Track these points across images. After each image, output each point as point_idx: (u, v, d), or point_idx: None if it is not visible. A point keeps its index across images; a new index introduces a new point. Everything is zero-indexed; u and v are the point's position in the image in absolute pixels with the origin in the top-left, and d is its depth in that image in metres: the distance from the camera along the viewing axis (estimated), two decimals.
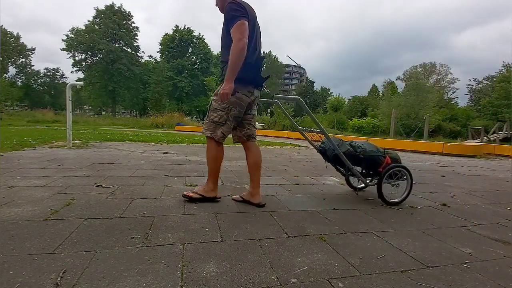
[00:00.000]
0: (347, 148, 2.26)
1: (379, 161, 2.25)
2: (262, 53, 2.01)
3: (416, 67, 42.37)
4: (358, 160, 2.24)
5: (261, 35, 1.99)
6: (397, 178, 2.25)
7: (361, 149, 2.27)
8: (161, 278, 1.01)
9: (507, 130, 17.95)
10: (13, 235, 1.30)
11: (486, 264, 1.27)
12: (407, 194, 2.26)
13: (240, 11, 1.72)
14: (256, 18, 1.89)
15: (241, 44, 1.67)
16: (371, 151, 2.27)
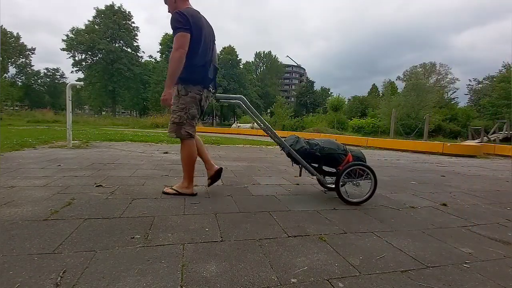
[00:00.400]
0: (302, 145, 2.22)
1: (339, 159, 2.21)
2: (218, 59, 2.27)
3: (416, 67, 42.37)
4: (316, 158, 2.20)
5: (214, 40, 2.19)
6: (361, 177, 2.18)
7: (318, 146, 2.22)
8: (161, 278, 1.01)
9: (507, 130, 17.95)
10: (13, 235, 1.30)
11: (486, 264, 1.27)
12: (370, 195, 2.18)
13: (182, 23, 1.87)
14: (205, 27, 2.04)
15: (178, 54, 1.86)
16: (330, 149, 2.21)
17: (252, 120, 9.96)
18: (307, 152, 2.20)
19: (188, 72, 1.98)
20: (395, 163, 5.24)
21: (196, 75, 2.03)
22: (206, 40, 2.04)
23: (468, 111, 32.46)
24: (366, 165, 2.19)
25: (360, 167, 2.17)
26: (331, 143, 2.28)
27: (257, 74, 63.67)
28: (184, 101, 2.03)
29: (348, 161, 2.20)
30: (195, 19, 1.95)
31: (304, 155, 2.19)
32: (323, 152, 2.19)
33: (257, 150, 6.62)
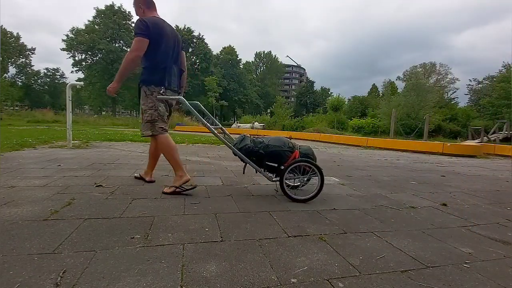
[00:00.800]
0: (246, 144, 2.26)
1: (285, 156, 2.21)
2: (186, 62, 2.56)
3: (416, 67, 42.37)
4: (260, 155, 2.22)
5: (179, 46, 2.40)
6: (308, 174, 2.17)
7: (262, 144, 2.24)
8: (161, 278, 1.01)
9: (507, 130, 17.95)
10: (13, 235, 1.30)
11: (486, 264, 1.27)
12: (316, 192, 2.16)
13: (142, 29, 2.09)
14: (168, 34, 2.25)
15: (131, 56, 2.08)
16: (274, 146, 2.22)
17: (252, 120, 9.96)
18: (250, 150, 2.24)
19: (150, 74, 2.20)
20: (395, 163, 5.24)
21: (157, 77, 2.21)
22: (167, 45, 2.25)
23: (468, 111, 32.47)
24: (311, 162, 2.16)
25: (305, 164, 2.15)
26: (277, 140, 2.30)
27: (257, 74, 63.66)
28: (151, 100, 2.21)
29: (294, 158, 2.19)
30: (157, 27, 2.17)
31: (247, 153, 2.23)
32: (267, 149, 2.21)
33: None
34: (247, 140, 2.32)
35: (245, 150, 2.23)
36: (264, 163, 2.24)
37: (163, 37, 2.19)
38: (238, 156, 2.24)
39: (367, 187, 2.87)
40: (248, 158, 2.22)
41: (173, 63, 2.32)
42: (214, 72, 41.85)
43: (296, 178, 2.20)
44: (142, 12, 2.29)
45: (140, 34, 2.08)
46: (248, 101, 50.91)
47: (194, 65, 43.36)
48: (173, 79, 2.32)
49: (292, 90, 79.76)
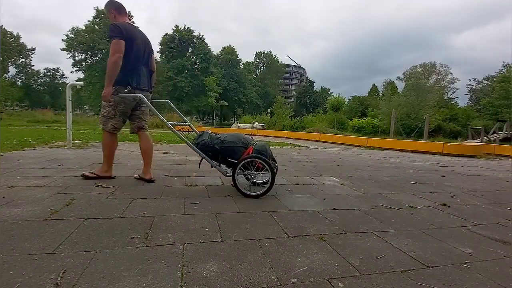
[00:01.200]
0: (203, 139, 2.34)
1: (239, 152, 2.25)
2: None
3: (416, 67, 42.37)
4: (215, 150, 2.29)
5: (149, 49, 2.58)
6: (260, 170, 2.20)
7: (218, 140, 2.31)
8: (161, 278, 1.01)
9: (507, 130, 17.95)
10: (13, 235, 1.30)
11: (486, 264, 1.27)
12: (268, 188, 2.18)
13: (116, 32, 2.24)
14: (138, 39, 2.42)
15: (114, 58, 2.21)
16: (229, 142, 2.29)
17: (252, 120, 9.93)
18: (206, 145, 2.31)
19: (119, 75, 2.33)
20: (395, 163, 5.24)
21: (126, 78, 2.38)
22: (138, 49, 2.42)
23: (468, 111, 32.47)
24: (262, 158, 2.17)
25: (257, 160, 2.18)
26: (233, 136, 2.36)
27: (257, 74, 63.68)
28: (113, 99, 2.39)
29: (248, 154, 2.23)
30: (128, 31, 2.33)
31: (203, 148, 2.31)
32: (221, 145, 2.29)
33: None
34: (205, 135, 2.40)
35: (202, 145, 2.33)
36: (219, 158, 2.33)
37: (134, 41, 2.37)
38: (195, 150, 2.34)
39: (367, 187, 2.87)
40: (205, 153, 2.31)
41: (143, 65, 2.52)
42: (214, 72, 41.84)
43: (248, 174, 2.25)
44: (113, 17, 2.45)
45: (115, 37, 2.23)
46: (248, 101, 50.92)
47: (194, 65, 43.35)
48: (142, 80, 2.51)
49: (292, 90, 79.78)
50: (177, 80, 39.98)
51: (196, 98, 41.33)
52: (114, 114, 2.44)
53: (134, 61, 2.42)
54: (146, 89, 2.58)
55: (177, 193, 2.21)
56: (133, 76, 2.43)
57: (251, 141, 2.37)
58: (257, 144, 2.37)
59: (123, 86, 2.39)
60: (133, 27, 2.45)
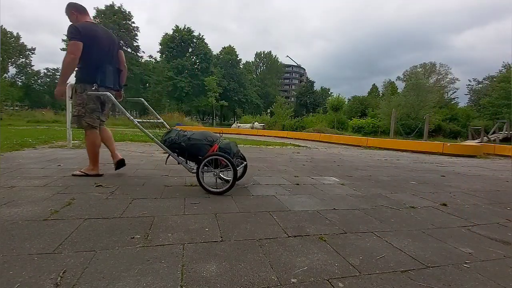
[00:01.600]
0: (170, 136, 2.39)
1: (204, 149, 2.28)
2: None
3: (416, 67, 42.40)
4: (181, 148, 2.34)
5: (115, 47, 2.66)
6: (225, 167, 2.23)
7: (185, 137, 2.34)
8: (161, 278, 1.01)
9: (507, 130, 17.95)
10: (13, 235, 1.30)
11: (486, 264, 1.27)
12: (230, 186, 2.21)
13: (74, 34, 2.30)
14: (101, 37, 2.50)
15: (68, 59, 2.29)
16: (195, 139, 2.32)
17: (252, 120, 9.94)
18: (173, 142, 2.36)
19: (83, 74, 2.45)
20: (395, 163, 5.24)
21: (89, 76, 2.46)
22: (101, 47, 2.50)
23: (468, 111, 32.49)
24: (224, 155, 2.19)
25: (220, 158, 2.21)
26: (199, 134, 2.40)
27: (257, 74, 63.67)
28: (81, 98, 2.47)
29: (213, 151, 2.26)
30: (88, 31, 2.40)
31: (170, 145, 2.36)
32: (188, 142, 2.32)
33: (257, 150, 6.62)
34: (173, 133, 2.44)
35: (169, 142, 2.37)
36: (186, 156, 2.37)
37: (94, 40, 2.44)
38: (162, 148, 2.40)
39: (367, 187, 2.87)
40: (172, 150, 2.37)
41: (108, 64, 2.58)
42: (214, 72, 41.84)
43: (210, 171, 2.28)
44: (75, 18, 2.50)
45: (73, 38, 2.30)
46: (248, 101, 50.92)
47: (194, 65, 43.33)
48: (107, 78, 2.57)
49: (292, 90, 79.78)
50: (177, 80, 39.97)
51: (196, 98, 41.34)
52: (85, 112, 2.51)
53: (98, 59, 2.48)
54: (112, 87, 2.65)
55: (177, 193, 2.21)
56: (97, 74, 2.48)
57: (217, 139, 2.40)
58: (223, 142, 2.41)
59: (89, 84, 2.46)
60: (95, 26, 2.54)
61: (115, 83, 2.70)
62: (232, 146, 2.40)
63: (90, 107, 2.52)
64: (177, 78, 40.03)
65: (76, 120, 2.53)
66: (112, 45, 2.62)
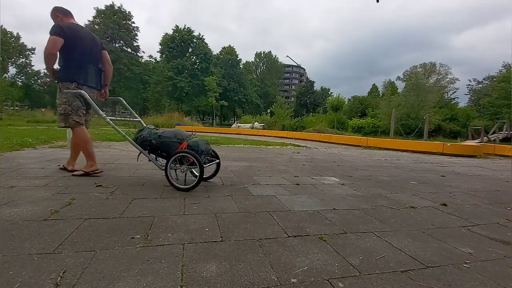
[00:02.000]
0: (141, 134, 2.47)
1: (173, 147, 2.35)
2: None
3: (416, 67, 42.40)
4: (152, 145, 2.40)
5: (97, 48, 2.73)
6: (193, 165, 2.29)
7: (155, 135, 2.41)
8: (161, 278, 1.01)
9: (507, 130, 17.96)
10: (13, 235, 1.30)
11: (486, 264, 1.27)
12: (197, 182, 2.26)
13: (56, 31, 2.38)
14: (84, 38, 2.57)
15: (45, 53, 2.35)
16: (165, 137, 2.39)
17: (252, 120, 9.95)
18: (144, 139, 2.43)
19: (65, 73, 2.51)
20: (395, 163, 5.24)
21: (72, 75, 2.52)
22: (83, 48, 2.57)
23: (468, 111, 32.49)
24: (191, 153, 2.25)
25: (186, 155, 2.27)
26: (170, 132, 2.46)
27: (257, 74, 63.66)
28: (65, 96, 2.52)
29: (181, 149, 2.31)
30: (71, 31, 2.48)
31: (142, 143, 2.44)
32: (158, 140, 2.39)
33: (257, 150, 6.62)
34: (145, 131, 2.51)
35: (140, 140, 2.45)
36: (157, 153, 2.45)
37: (77, 40, 2.52)
38: (133, 145, 2.47)
39: (367, 187, 2.87)
40: (143, 147, 2.44)
41: (90, 64, 2.66)
42: (214, 72, 41.83)
43: (178, 168, 2.34)
44: (60, 19, 2.59)
45: (54, 34, 2.36)
46: (248, 101, 50.91)
47: (194, 65, 43.32)
48: (89, 77, 2.65)
49: (292, 90, 79.79)
50: (177, 80, 39.96)
51: (196, 98, 41.33)
52: (71, 110, 2.54)
53: (80, 59, 2.55)
54: (94, 87, 2.73)
55: (177, 193, 2.21)
56: (79, 74, 2.56)
57: (186, 137, 2.46)
58: (191, 140, 2.45)
59: (69, 83, 2.52)
60: (79, 27, 2.63)
61: (97, 82, 2.78)
62: (201, 144, 2.45)
63: (75, 104, 2.56)
64: (177, 78, 40.02)
65: (63, 119, 2.55)
66: (94, 46, 2.70)
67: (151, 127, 2.62)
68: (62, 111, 2.54)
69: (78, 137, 2.62)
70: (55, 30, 2.39)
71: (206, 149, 2.49)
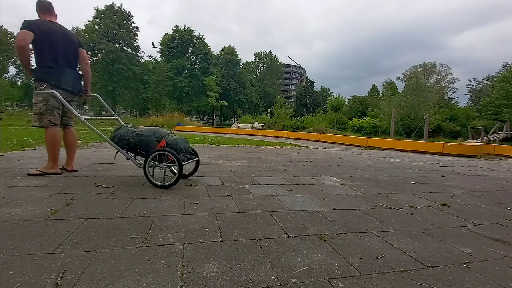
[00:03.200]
0: (119, 132, 2.48)
1: (152, 145, 2.36)
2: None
3: (416, 67, 42.41)
4: (130, 143, 2.41)
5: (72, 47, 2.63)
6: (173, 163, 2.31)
7: (133, 134, 2.42)
8: (161, 278, 1.01)
9: (507, 130, 17.96)
10: (13, 235, 1.30)
11: (486, 264, 1.27)
12: (175, 180, 2.29)
13: (26, 26, 2.34)
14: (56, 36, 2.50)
15: (16, 46, 2.34)
16: (143, 135, 2.40)
17: (252, 120, 9.98)
18: (122, 138, 2.44)
19: (39, 72, 2.47)
20: (395, 163, 5.24)
21: (45, 75, 2.48)
22: (54, 46, 2.49)
23: (468, 111, 32.49)
24: (169, 151, 2.28)
25: (165, 153, 2.29)
26: (148, 131, 2.47)
27: (257, 74, 63.65)
28: (41, 95, 2.48)
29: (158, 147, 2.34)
30: (43, 27, 2.42)
31: (120, 141, 2.44)
32: (136, 138, 2.40)
33: (257, 150, 6.62)
34: (122, 129, 2.51)
35: (118, 138, 2.45)
36: (135, 151, 2.45)
37: (48, 37, 2.45)
38: (110, 144, 2.47)
39: (367, 187, 2.87)
40: (121, 146, 2.44)
41: (65, 65, 2.58)
42: (214, 72, 41.83)
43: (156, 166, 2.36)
44: (37, 15, 2.55)
45: (23, 28, 2.34)
46: (248, 101, 50.92)
47: (194, 65, 43.32)
48: (64, 79, 2.56)
49: (292, 90, 79.79)
50: (177, 80, 39.96)
51: (196, 98, 41.34)
52: (46, 110, 2.50)
53: (51, 59, 2.48)
54: (69, 90, 2.63)
55: (177, 193, 2.21)
56: (51, 74, 2.49)
57: (165, 135, 2.47)
58: (170, 138, 2.47)
59: (42, 82, 2.48)
60: (50, 22, 2.53)
61: (74, 86, 2.68)
62: (180, 142, 2.48)
63: (51, 104, 2.51)
64: (177, 78, 40.03)
65: (37, 119, 2.51)
66: (69, 45, 2.60)
67: (128, 126, 2.62)
68: (37, 110, 2.49)
69: (49, 137, 2.56)
70: (24, 24, 2.36)
71: (185, 147, 2.52)
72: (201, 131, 17.30)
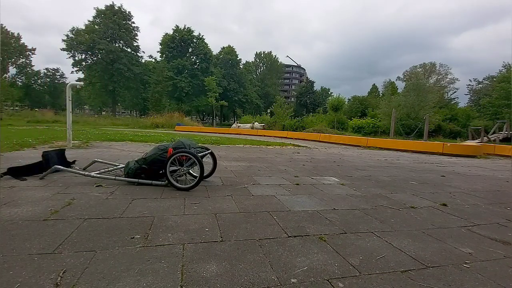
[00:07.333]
0: (130, 167, 2.50)
1: (163, 158, 2.39)
2: None
3: (416, 67, 42.42)
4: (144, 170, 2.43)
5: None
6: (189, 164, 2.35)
7: (142, 160, 2.46)
8: (161, 278, 1.01)
9: (507, 130, 17.96)
10: (13, 235, 1.30)
11: (486, 264, 1.27)
12: (199, 179, 2.30)
13: None
14: None
15: None
16: (151, 156, 2.43)
17: (252, 120, 9.99)
18: (134, 171, 2.44)
19: None
20: (395, 163, 5.24)
21: None
22: None
23: (468, 111, 32.48)
24: (182, 151, 2.31)
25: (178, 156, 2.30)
26: (153, 150, 2.51)
27: (257, 74, 63.65)
28: None
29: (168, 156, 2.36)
30: None
31: (134, 175, 2.43)
32: (146, 161, 2.43)
33: (257, 150, 6.62)
34: (131, 164, 2.52)
35: (132, 171, 2.45)
36: (153, 173, 2.45)
37: None
38: (129, 182, 2.43)
39: (367, 187, 2.86)
40: (137, 177, 2.42)
41: None
42: (214, 72, 41.83)
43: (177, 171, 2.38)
44: None
45: None
46: (248, 101, 50.90)
47: (194, 65, 43.33)
48: None
49: (292, 90, 79.80)
50: (177, 80, 39.96)
51: (196, 98, 41.33)
52: None
53: None
54: None
55: (177, 193, 2.21)
56: None
57: (168, 145, 2.50)
58: (173, 143, 2.52)
59: None
60: None
61: None
62: (184, 141, 2.52)
63: None
64: (177, 78, 40.02)
65: None
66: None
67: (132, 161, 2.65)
68: None
69: None
70: None
71: (192, 144, 2.56)
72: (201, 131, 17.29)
